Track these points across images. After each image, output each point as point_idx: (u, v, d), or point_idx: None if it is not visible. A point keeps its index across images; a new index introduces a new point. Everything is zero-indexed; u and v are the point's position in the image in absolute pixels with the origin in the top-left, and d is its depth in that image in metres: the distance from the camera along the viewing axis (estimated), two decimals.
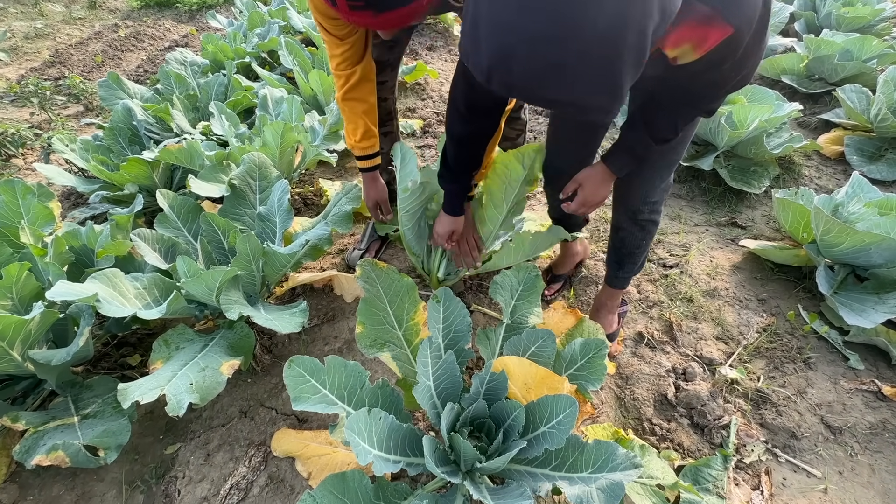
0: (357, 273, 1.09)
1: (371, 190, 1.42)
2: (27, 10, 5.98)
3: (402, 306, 1.12)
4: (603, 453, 0.82)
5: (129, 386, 0.99)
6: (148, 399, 0.96)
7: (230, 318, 1.10)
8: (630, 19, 0.48)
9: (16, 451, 1.07)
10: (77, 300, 1.00)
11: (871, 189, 1.50)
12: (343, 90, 1.21)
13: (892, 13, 2.88)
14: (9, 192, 1.30)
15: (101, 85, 2.29)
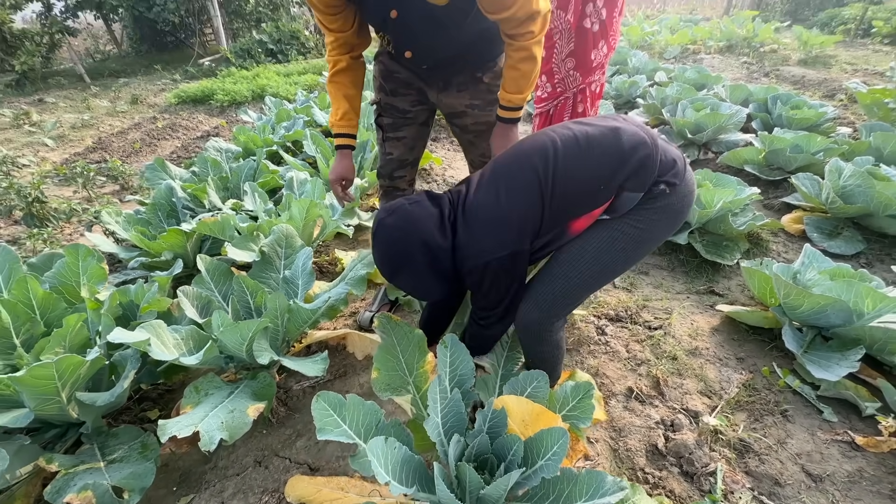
0: (375, 324, 1.25)
1: (339, 165, 1.49)
2: (76, 104, 6.74)
3: (412, 355, 1.26)
4: (594, 481, 0.92)
5: (167, 423, 1.10)
6: (184, 434, 1.07)
7: (261, 362, 1.24)
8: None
9: (47, 491, 1.14)
10: (131, 343, 1.15)
11: (823, 259, 1.70)
12: (330, 73, 1.39)
13: (833, 115, 3.34)
14: (72, 254, 1.50)
15: (148, 167, 2.62)
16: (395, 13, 1.17)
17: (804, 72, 5.42)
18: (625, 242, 1.07)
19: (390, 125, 1.54)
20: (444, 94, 1.43)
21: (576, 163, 1.01)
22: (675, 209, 1.07)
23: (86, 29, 10.13)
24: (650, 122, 3.96)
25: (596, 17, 2.28)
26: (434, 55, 1.34)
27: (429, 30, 1.22)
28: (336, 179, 1.50)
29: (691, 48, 6.95)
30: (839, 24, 7.43)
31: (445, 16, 1.15)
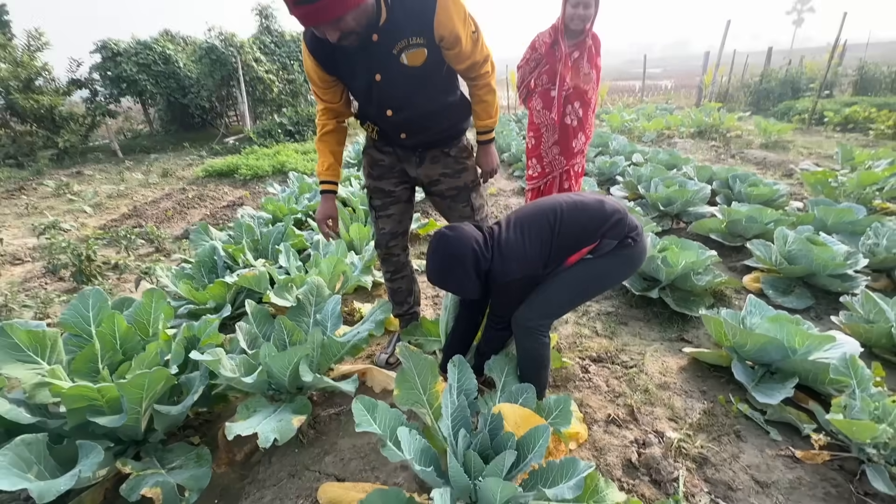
0: (397, 351, 1.56)
1: (324, 206, 1.81)
2: (111, 176, 7.40)
3: (426, 378, 1.55)
4: (571, 466, 1.19)
5: (232, 425, 1.38)
6: (246, 433, 1.34)
7: (305, 380, 1.53)
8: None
9: (123, 488, 1.37)
10: (206, 362, 1.46)
11: (766, 308, 2.04)
12: (319, 134, 1.76)
13: (785, 192, 3.85)
14: (148, 296, 1.84)
15: (194, 231, 3.03)
16: (378, 77, 1.49)
17: (765, 154, 6.12)
18: (599, 274, 1.51)
19: (380, 205, 1.91)
20: (421, 168, 1.80)
21: (574, 218, 1.46)
22: (635, 258, 1.51)
23: (124, 111, 11.24)
24: (629, 196, 4.48)
25: (574, 115, 2.85)
26: (414, 113, 1.61)
27: (408, 89, 1.54)
28: (322, 219, 1.82)
29: (666, 133, 7.82)
30: (795, 115, 8.41)
31: (421, 75, 1.50)
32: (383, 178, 1.86)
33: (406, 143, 1.75)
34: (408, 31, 1.42)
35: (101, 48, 9.70)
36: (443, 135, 1.76)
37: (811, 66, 10.42)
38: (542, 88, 2.82)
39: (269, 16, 11.58)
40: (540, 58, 2.80)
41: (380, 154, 1.83)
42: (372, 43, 1.42)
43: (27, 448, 1.27)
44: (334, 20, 1.26)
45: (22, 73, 8.60)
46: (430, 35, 1.43)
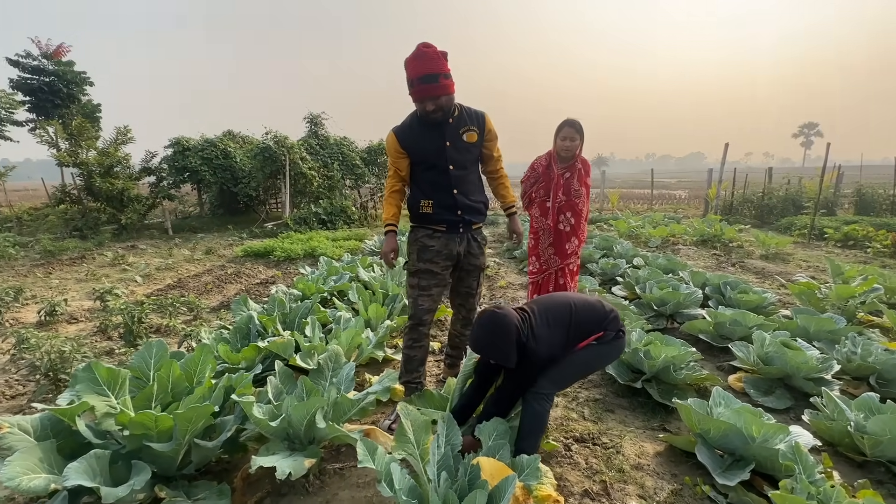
0: (399, 407, 1.86)
1: (390, 242, 2.40)
2: (161, 251, 8.22)
3: (420, 434, 1.82)
4: None
5: (256, 459, 1.66)
6: (267, 465, 1.62)
7: (319, 426, 1.82)
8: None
9: None
10: (242, 403, 1.79)
11: (733, 400, 2.26)
12: (388, 193, 2.42)
13: (774, 300, 4.13)
14: (199, 350, 2.23)
15: (235, 301, 3.50)
16: (448, 143, 2.27)
17: (764, 265, 6.46)
18: (598, 357, 1.99)
19: (426, 286, 2.40)
20: (461, 245, 2.41)
21: (585, 315, 1.94)
22: (621, 347, 2.00)
23: (181, 195, 12.66)
24: (628, 295, 4.81)
25: (566, 223, 3.36)
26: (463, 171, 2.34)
27: (463, 154, 2.31)
28: (388, 251, 2.41)
29: (671, 240, 8.31)
30: (795, 230, 8.86)
31: (471, 149, 2.34)
32: (433, 261, 2.39)
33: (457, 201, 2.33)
34: (469, 123, 2.33)
35: (174, 143, 11.34)
36: (477, 206, 2.42)
37: (810, 186, 11.14)
38: (539, 199, 3.38)
39: (318, 123, 13.42)
40: (538, 176, 3.41)
41: (430, 240, 2.38)
42: (448, 124, 2.28)
43: (96, 461, 1.58)
44: (437, 97, 2.12)
45: (106, 160, 10.08)
46: (482, 129, 2.36)
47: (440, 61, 2.10)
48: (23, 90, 13.61)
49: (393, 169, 2.40)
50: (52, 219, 10.05)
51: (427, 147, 2.29)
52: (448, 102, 2.18)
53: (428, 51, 2.08)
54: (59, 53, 14.05)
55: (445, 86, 2.13)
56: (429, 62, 2.07)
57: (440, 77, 2.10)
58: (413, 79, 2.10)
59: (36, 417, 1.81)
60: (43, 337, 3.21)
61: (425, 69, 2.07)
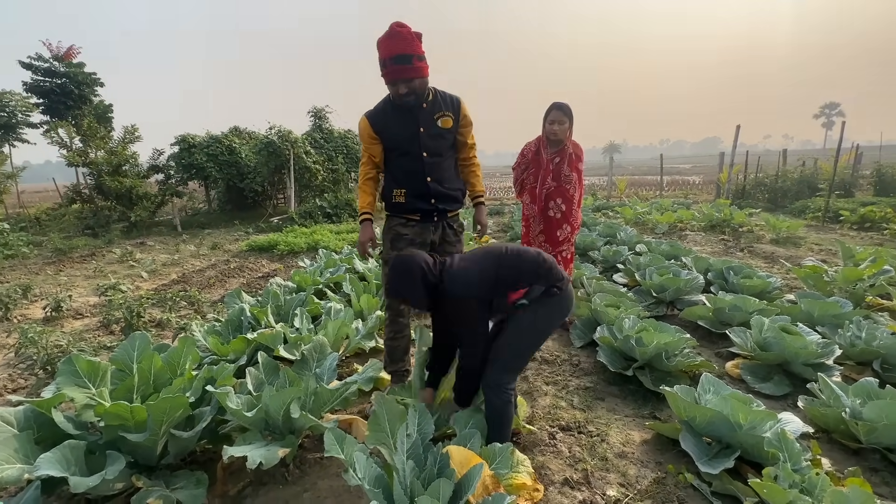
0: (373, 397, 1.84)
1: (366, 231, 2.35)
2: (169, 247, 8.34)
3: (394, 423, 1.80)
4: (499, 499, 1.39)
5: (228, 448, 1.66)
6: (238, 455, 1.62)
7: (293, 416, 1.82)
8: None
9: (133, 499, 1.65)
10: (217, 394, 1.79)
11: (723, 387, 2.19)
12: (362, 180, 2.37)
13: (779, 284, 4.00)
14: (182, 342, 2.24)
15: (228, 295, 3.52)
16: (422, 129, 2.20)
17: (774, 249, 6.27)
18: (536, 325, 1.82)
19: None
20: (436, 234, 2.36)
21: (513, 261, 1.81)
22: (563, 305, 1.84)
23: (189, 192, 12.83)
24: (629, 282, 4.72)
25: (557, 209, 3.29)
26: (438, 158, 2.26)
27: (438, 140, 2.24)
28: (365, 241, 2.35)
29: (679, 226, 8.13)
30: (810, 213, 8.58)
31: (445, 136, 2.26)
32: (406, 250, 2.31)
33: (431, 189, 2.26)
34: (444, 108, 2.25)
35: (180, 141, 11.47)
36: (452, 194, 2.35)
37: (826, 167, 10.76)
38: (529, 186, 3.32)
39: (322, 117, 13.42)
40: (528, 162, 3.34)
41: (404, 229, 2.33)
42: (422, 108, 2.20)
43: (70, 451, 1.60)
44: (409, 79, 2.05)
45: (114, 159, 10.25)
46: (457, 115, 2.28)
47: (414, 42, 2.02)
48: (36, 93, 13.90)
49: (367, 155, 2.35)
50: (68, 218, 10.29)
51: (400, 133, 2.22)
52: (422, 86, 2.12)
53: (402, 30, 2.01)
54: (69, 55, 14.29)
55: (419, 68, 2.06)
56: (402, 42, 2.00)
57: (413, 58, 2.02)
58: (385, 59, 2.03)
59: (20, 410, 1.84)
60: (42, 332, 3.28)
61: (398, 49, 2.00)
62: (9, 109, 13.80)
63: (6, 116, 13.73)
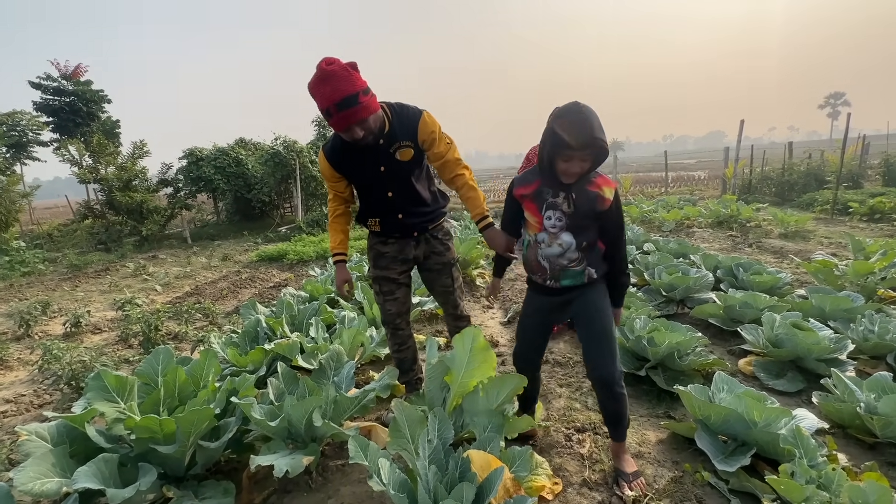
0: (392, 404, 1.89)
1: (341, 274, 2.28)
2: (180, 260, 8.47)
3: (414, 429, 1.84)
4: (520, 502, 1.43)
5: (255, 458, 1.72)
6: (265, 464, 1.68)
7: (316, 425, 1.87)
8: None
9: None
10: (242, 405, 1.85)
11: (737, 385, 2.21)
12: (331, 218, 2.26)
13: (789, 280, 4.00)
14: (204, 355, 2.31)
15: (244, 306, 3.59)
16: (383, 168, 2.03)
17: (783, 244, 6.25)
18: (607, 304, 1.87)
19: (388, 291, 2.34)
20: (418, 249, 2.29)
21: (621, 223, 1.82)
22: None
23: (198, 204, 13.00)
24: (637, 282, 4.73)
25: None
26: (406, 195, 2.14)
27: (402, 176, 2.08)
28: (340, 284, 2.28)
29: (685, 223, 8.12)
30: (818, 206, 8.53)
31: (409, 168, 2.07)
32: (388, 267, 2.31)
33: (404, 223, 2.20)
34: (401, 137, 2.01)
35: (188, 154, 11.64)
36: (429, 215, 2.25)
37: (833, 159, 10.68)
38: None
39: (326, 125, 13.54)
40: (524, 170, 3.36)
41: (384, 247, 2.30)
42: (379, 145, 1.98)
43: (105, 464, 1.66)
44: (363, 120, 1.79)
45: (124, 175, 10.42)
46: (415, 139, 2.03)
47: (352, 77, 1.74)
48: (46, 111, 14.18)
49: (332, 192, 2.21)
50: (80, 234, 10.48)
51: (360, 172, 2.09)
52: (376, 121, 1.87)
53: (333, 69, 1.71)
54: (76, 74, 14.57)
55: (368, 104, 1.78)
56: (340, 83, 1.71)
57: (359, 96, 1.74)
58: (328, 107, 1.74)
59: (52, 425, 1.90)
60: (65, 348, 3.37)
61: (338, 93, 1.71)
62: (20, 128, 14.10)
63: (17, 135, 14.02)
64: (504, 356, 3.35)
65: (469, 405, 2.02)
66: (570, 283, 1.83)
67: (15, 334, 4.57)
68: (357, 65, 1.78)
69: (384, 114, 1.96)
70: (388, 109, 2.00)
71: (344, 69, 1.73)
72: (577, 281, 1.82)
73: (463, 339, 1.99)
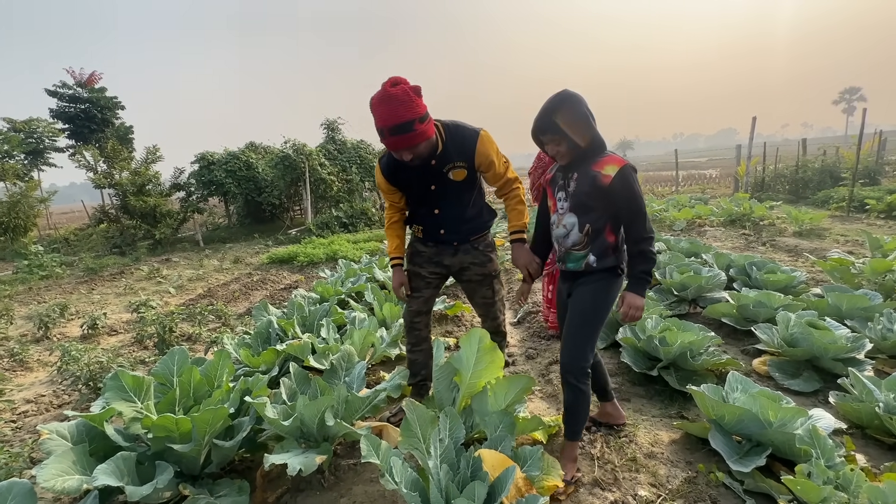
0: (403, 404, 1.90)
1: (397, 277, 2.33)
2: (193, 263, 8.58)
3: (425, 428, 1.85)
4: (533, 501, 1.43)
5: (269, 457, 1.74)
6: (279, 462, 1.70)
7: (328, 424, 1.89)
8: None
9: None
10: (255, 404, 1.87)
11: (751, 385, 2.18)
12: (388, 224, 2.32)
13: (804, 278, 3.93)
14: (218, 355, 2.34)
15: (256, 308, 3.63)
16: (433, 187, 2.09)
17: (797, 242, 6.15)
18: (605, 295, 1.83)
19: (415, 287, 2.37)
20: (454, 258, 2.30)
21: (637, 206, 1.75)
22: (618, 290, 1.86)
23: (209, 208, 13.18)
24: None
25: None
26: (453, 212, 2.19)
27: (451, 195, 2.13)
28: (397, 287, 2.33)
29: (697, 222, 8.03)
30: (833, 203, 8.38)
31: (462, 187, 2.10)
32: (421, 265, 2.35)
33: (444, 238, 2.26)
34: (455, 158, 2.04)
35: (199, 159, 11.81)
36: (471, 232, 2.28)
37: (848, 155, 10.47)
38: None
39: (335, 128, 13.66)
40: (545, 165, 3.35)
41: (423, 247, 2.34)
42: (430, 165, 2.03)
43: (123, 462, 1.70)
44: (413, 146, 1.84)
45: (138, 180, 10.61)
46: (471, 161, 2.06)
47: (412, 103, 1.75)
48: (62, 118, 14.48)
49: (388, 202, 2.29)
50: (95, 238, 10.68)
51: (412, 187, 2.15)
52: (427, 148, 1.91)
53: (395, 91, 1.73)
54: (91, 81, 14.87)
55: (422, 132, 1.80)
56: (399, 107, 1.72)
57: (415, 123, 1.76)
58: (382, 128, 1.78)
59: (72, 424, 1.95)
60: (82, 349, 3.44)
61: (395, 118, 1.74)
62: (37, 135, 14.42)
63: (34, 142, 14.34)
64: (514, 356, 3.35)
65: (478, 405, 2.02)
66: (573, 266, 1.87)
67: (35, 336, 4.68)
68: (420, 89, 1.79)
69: (438, 134, 1.98)
70: (443, 130, 2.00)
71: (406, 94, 1.74)
72: (577, 266, 1.85)
73: (470, 340, 2.00)
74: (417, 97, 1.77)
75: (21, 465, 2.12)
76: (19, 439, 2.71)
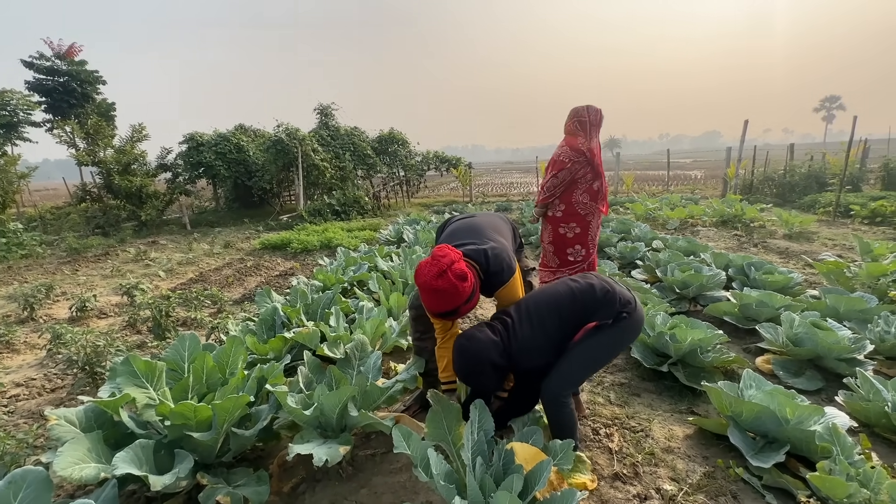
0: (429, 395, 1.87)
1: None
2: (182, 247, 8.35)
3: (451, 420, 1.84)
4: (569, 495, 1.43)
5: (293, 446, 1.70)
6: (304, 452, 1.66)
7: (352, 415, 1.85)
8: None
9: (200, 496, 1.69)
10: (276, 393, 1.82)
11: (764, 382, 2.23)
12: (439, 343, 2.07)
13: (800, 280, 4.03)
14: (230, 341, 2.27)
15: (259, 294, 3.55)
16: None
17: (788, 244, 6.30)
18: (604, 346, 1.80)
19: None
20: None
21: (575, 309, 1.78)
22: (633, 327, 1.82)
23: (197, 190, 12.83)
24: (648, 279, 4.75)
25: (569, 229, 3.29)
26: None
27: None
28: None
29: (690, 221, 8.15)
30: (819, 208, 8.61)
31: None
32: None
33: None
34: (483, 292, 1.98)
35: (188, 139, 11.45)
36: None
37: (834, 162, 10.76)
38: (587, 185, 3.23)
39: (329, 114, 13.39)
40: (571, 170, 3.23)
41: None
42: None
43: (141, 450, 1.63)
44: (457, 318, 1.89)
45: (123, 158, 10.24)
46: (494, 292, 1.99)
47: (458, 292, 1.72)
48: (38, 91, 13.79)
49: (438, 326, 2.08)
50: (74, 217, 10.28)
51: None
52: (467, 311, 1.87)
53: (442, 285, 1.70)
54: (71, 53, 14.18)
55: (466, 309, 1.83)
56: (445, 298, 1.73)
57: (460, 308, 1.79)
58: (428, 309, 1.88)
59: (80, 409, 1.87)
60: (77, 332, 3.31)
61: (442, 307, 1.77)
62: (10, 108, 13.74)
63: (8, 115, 13.66)
64: None
65: None
66: None
67: (19, 317, 4.49)
68: (466, 274, 1.74)
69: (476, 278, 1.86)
70: (481, 273, 1.89)
71: (452, 287, 1.70)
72: None
73: None
74: (462, 282, 1.72)
75: (26, 452, 2.03)
76: (13, 424, 2.60)
